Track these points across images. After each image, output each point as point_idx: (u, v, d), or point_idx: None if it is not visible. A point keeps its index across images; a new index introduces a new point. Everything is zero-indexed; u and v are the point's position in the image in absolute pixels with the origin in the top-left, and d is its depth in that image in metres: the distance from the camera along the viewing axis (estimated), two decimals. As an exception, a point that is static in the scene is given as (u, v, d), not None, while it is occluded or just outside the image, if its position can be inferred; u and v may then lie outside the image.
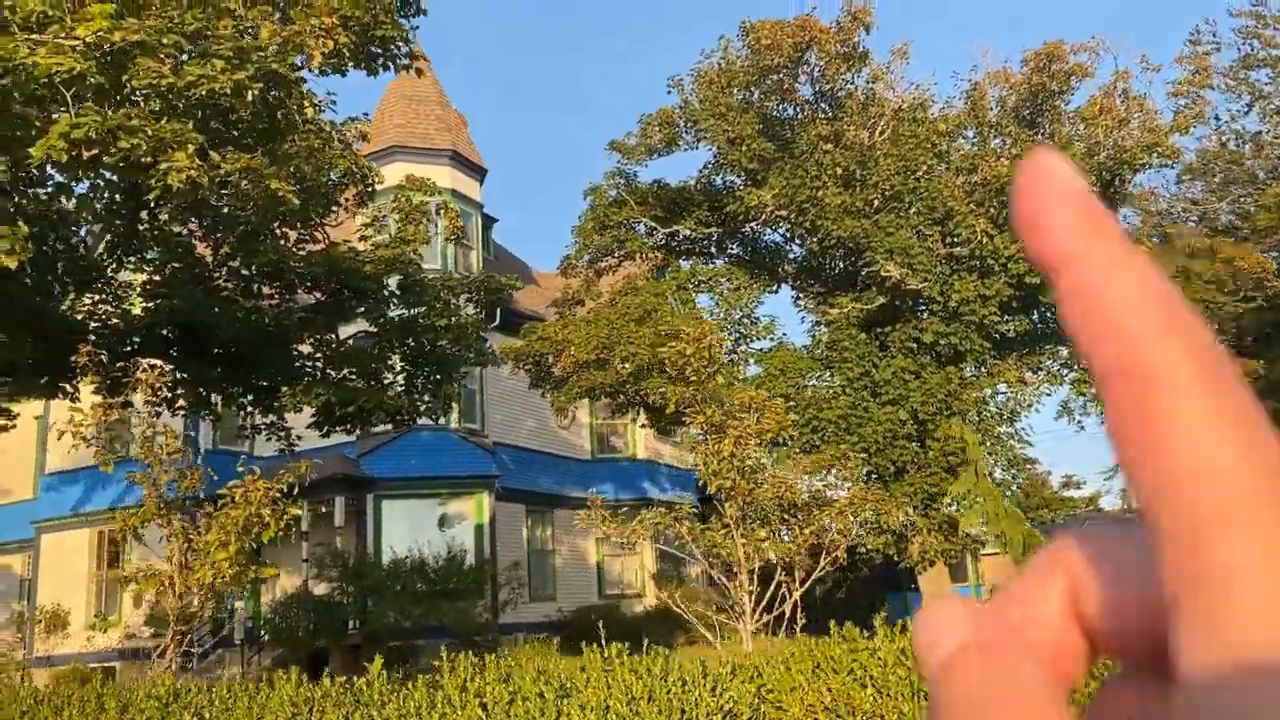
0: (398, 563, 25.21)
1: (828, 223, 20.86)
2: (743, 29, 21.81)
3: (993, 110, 22.19)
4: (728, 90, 21.82)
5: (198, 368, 13.11)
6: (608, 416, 35.11)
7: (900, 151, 20.95)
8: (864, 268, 20.84)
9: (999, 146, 22.28)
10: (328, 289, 13.82)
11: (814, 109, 22.01)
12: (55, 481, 29.58)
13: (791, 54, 20.56)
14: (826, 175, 21.13)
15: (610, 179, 24.03)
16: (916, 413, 21.12)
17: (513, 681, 8.49)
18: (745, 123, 21.31)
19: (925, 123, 21.62)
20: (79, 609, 28.10)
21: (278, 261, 12.43)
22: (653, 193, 24.15)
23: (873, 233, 20.55)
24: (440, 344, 13.46)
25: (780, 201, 21.22)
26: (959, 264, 20.95)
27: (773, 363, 21.38)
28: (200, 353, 13.31)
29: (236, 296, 13.71)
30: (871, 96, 22.09)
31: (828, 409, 20.75)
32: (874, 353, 21.52)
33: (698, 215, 23.55)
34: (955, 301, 20.62)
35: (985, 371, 21.76)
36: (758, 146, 21.02)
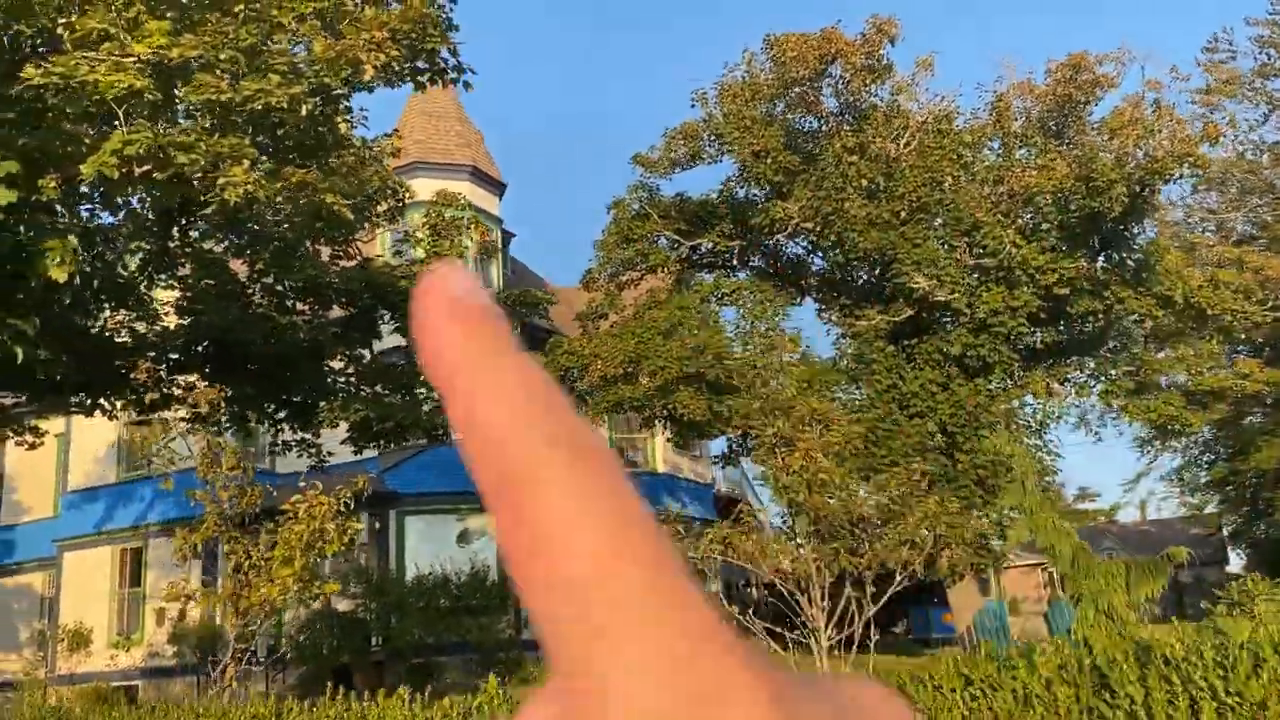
0: (421, 579, 25.10)
1: (854, 235, 20.80)
2: (766, 42, 21.82)
3: (1017, 121, 22.13)
4: (752, 103, 21.81)
5: (234, 384, 13.07)
6: (628, 431, 35.06)
7: (926, 163, 20.89)
8: (891, 279, 20.75)
9: (1024, 158, 22.22)
10: (361, 304, 13.78)
11: (839, 121, 21.98)
12: (77, 499, 29.58)
13: (817, 66, 20.56)
14: (851, 187, 21.07)
15: (633, 192, 24.03)
16: (945, 425, 20.99)
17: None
18: (770, 135, 21.29)
19: (950, 134, 21.57)
20: (101, 627, 28.04)
21: (315, 277, 12.40)
22: (675, 206, 24.13)
23: (899, 244, 20.47)
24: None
25: (805, 214, 21.17)
26: (986, 275, 20.85)
27: (798, 376, 21.26)
28: (235, 369, 13.27)
29: (271, 313, 13.68)
30: (895, 108, 22.05)
31: (855, 423, 20.61)
32: (901, 365, 21.42)
33: (720, 228, 23.51)
34: (983, 313, 20.52)
35: (1014, 383, 21.63)
36: (783, 159, 20.99)
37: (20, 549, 32.77)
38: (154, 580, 27.86)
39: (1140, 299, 21.07)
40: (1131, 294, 20.96)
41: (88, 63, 6.96)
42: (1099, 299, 20.93)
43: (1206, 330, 23.45)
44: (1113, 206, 18.91)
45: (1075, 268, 20.05)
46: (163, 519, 27.96)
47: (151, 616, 27.46)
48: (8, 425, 19.20)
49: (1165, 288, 21.00)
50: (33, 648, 31.82)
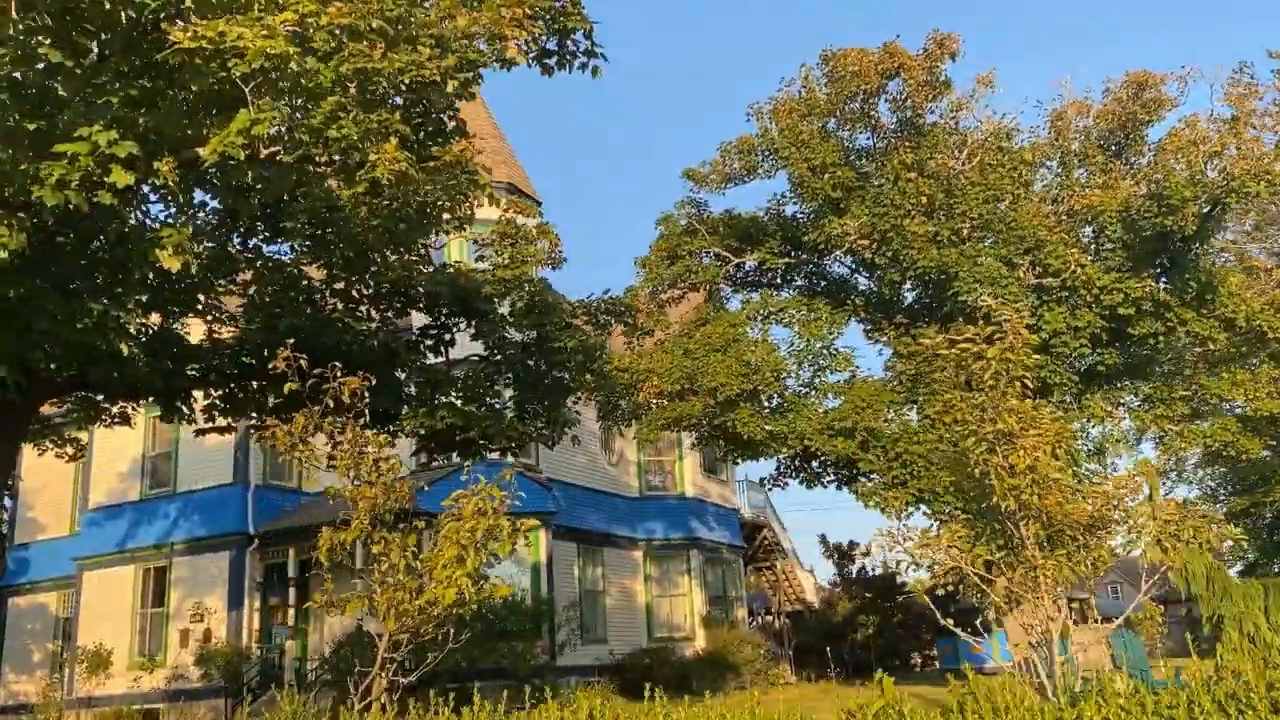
0: (459, 601, 24.45)
1: (912, 252, 20.42)
2: (823, 57, 21.55)
3: (1076, 140, 21.87)
4: (808, 118, 21.52)
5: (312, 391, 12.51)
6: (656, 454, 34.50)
7: (988, 180, 20.57)
8: (951, 298, 20.34)
9: (1082, 177, 21.94)
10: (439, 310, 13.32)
11: (898, 138, 21.68)
12: (99, 517, 28.88)
13: (879, 81, 20.28)
14: (910, 204, 20.73)
15: (681, 207, 23.69)
16: (1005, 447, 20.50)
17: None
18: (828, 150, 20.97)
19: (1010, 152, 21.29)
20: (121, 648, 27.26)
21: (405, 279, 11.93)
22: (724, 222, 23.78)
23: (960, 262, 20.09)
24: (569, 365, 12.95)
25: (863, 230, 20.81)
26: (1047, 295, 20.48)
27: (855, 396, 20.80)
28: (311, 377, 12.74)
29: (346, 318, 13.21)
30: (954, 125, 21.78)
31: (915, 444, 20.16)
32: (961, 386, 20.94)
33: (770, 245, 23.14)
34: (1046, 333, 20.12)
35: (1075, 406, 21.19)
36: (842, 174, 20.66)
37: (35, 568, 31.99)
38: (179, 600, 27.16)
39: (1203, 321, 20.70)
40: (1194, 316, 20.60)
41: (237, 26, 6.54)
42: (1161, 320, 20.55)
43: (1261, 355, 23.11)
44: (1186, 225, 18.59)
45: (1141, 288, 19.69)
46: (189, 537, 27.31)
47: (175, 637, 26.72)
48: (47, 435, 18.63)
49: (1229, 310, 20.65)
50: (45, 669, 31.00)
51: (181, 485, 27.96)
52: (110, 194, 7.99)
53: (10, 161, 7.44)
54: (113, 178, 7.89)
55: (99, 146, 7.75)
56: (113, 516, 28.28)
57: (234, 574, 26.58)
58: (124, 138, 7.86)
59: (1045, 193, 21.83)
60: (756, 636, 35.17)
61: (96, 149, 7.75)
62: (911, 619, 41.87)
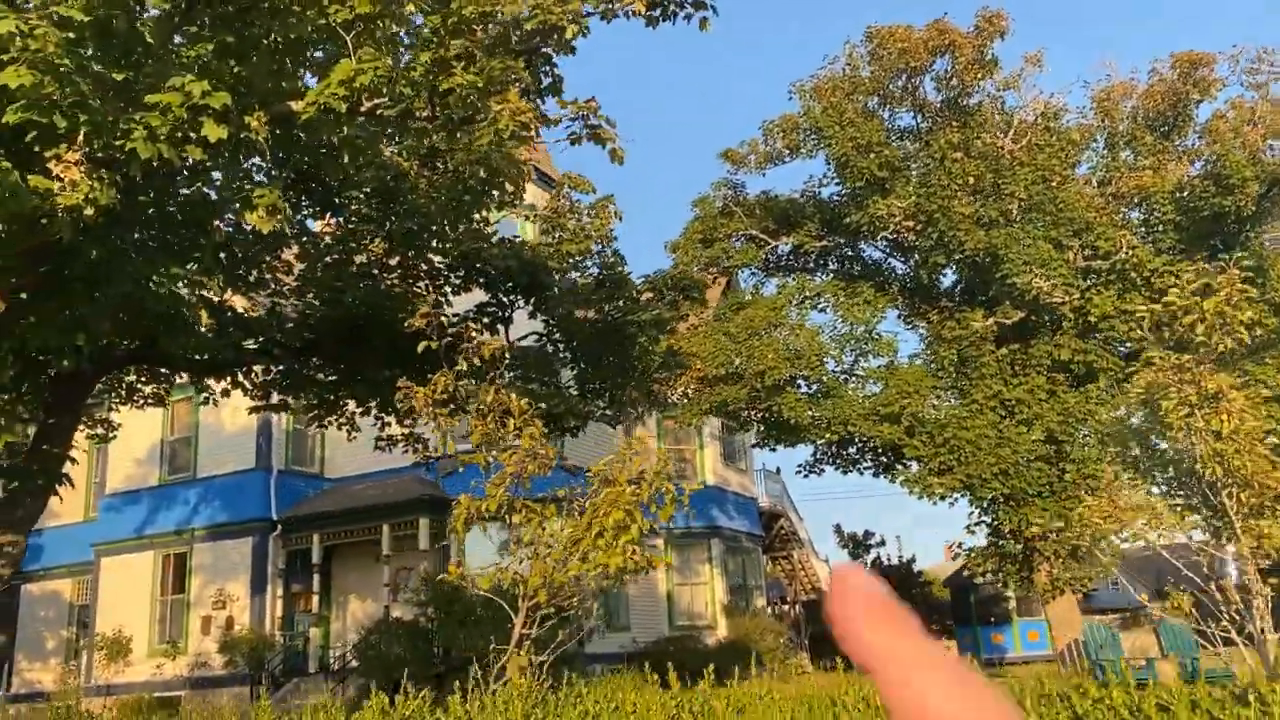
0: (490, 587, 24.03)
1: (959, 233, 20.01)
2: (868, 35, 21.11)
3: (1123, 121, 21.46)
4: (852, 96, 21.07)
5: (369, 367, 12.10)
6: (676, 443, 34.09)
7: (1037, 161, 20.16)
8: (1000, 280, 19.94)
9: (1128, 158, 21.54)
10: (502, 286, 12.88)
11: (944, 118, 21.25)
12: (117, 502, 28.37)
13: (926, 59, 19.85)
14: (956, 184, 20.32)
15: (717, 189, 23.22)
16: (1053, 433, 20.17)
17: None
18: (873, 129, 20.54)
19: (1058, 132, 20.88)
20: (141, 636, 26.81)
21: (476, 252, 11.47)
22: (760, 204, 23.34)
23: (1009, 244, 19.69)
24: (640, 340, 12.52)
25: (909, 211, 20.39)
26: (1096, 277, 20.10)
27: (898, 381, 20.40)
28: (370, 351, 12.32)
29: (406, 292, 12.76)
30: (1000, 105, 21.37)
31: (963, 430, 19.78)
32: (1005, 370, 20.61)
33: (808, 228, 22.71)
34: (1094, 317, 19.76)
35: (1122, 391, 20.79)
36: (889, 153, 20.23)
37: (49, 554, 31.43)
38: (199, 587, 26.70)
39: (1252, 305, 20.31)
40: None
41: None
42: (1210, 304, 20.17)
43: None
44: (1245, 205, 18.22)
45: (1195, 270, 19.29)
46: (210, 523, 26.84)
47: (196, 624, 26.27)
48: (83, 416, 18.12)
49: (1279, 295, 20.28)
50: (60, 657, 30.52)
51: (202, 470, 27.48)
52: (200, 148, 7.55)
53: (100, 112, 6.98)
54: (204, 130, 7.44)
55: (192, 97, 7.30)
56: (131, 502, 27.77)
57: (256, 560, 26.14)
58: (216, 88, 7.41)
59: (1091, 174, 21.43)
60: (778, 625, 34.88)
61: (190, 99, 7.30)
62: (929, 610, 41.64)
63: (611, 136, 7.31)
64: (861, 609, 0.39)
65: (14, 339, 8.07)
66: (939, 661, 0.38)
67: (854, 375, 21.46)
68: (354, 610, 27.24)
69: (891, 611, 0.39)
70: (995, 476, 19.74)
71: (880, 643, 0.38)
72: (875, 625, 0.39)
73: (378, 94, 7.65)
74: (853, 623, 0.39)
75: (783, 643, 32.35)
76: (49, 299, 8.19)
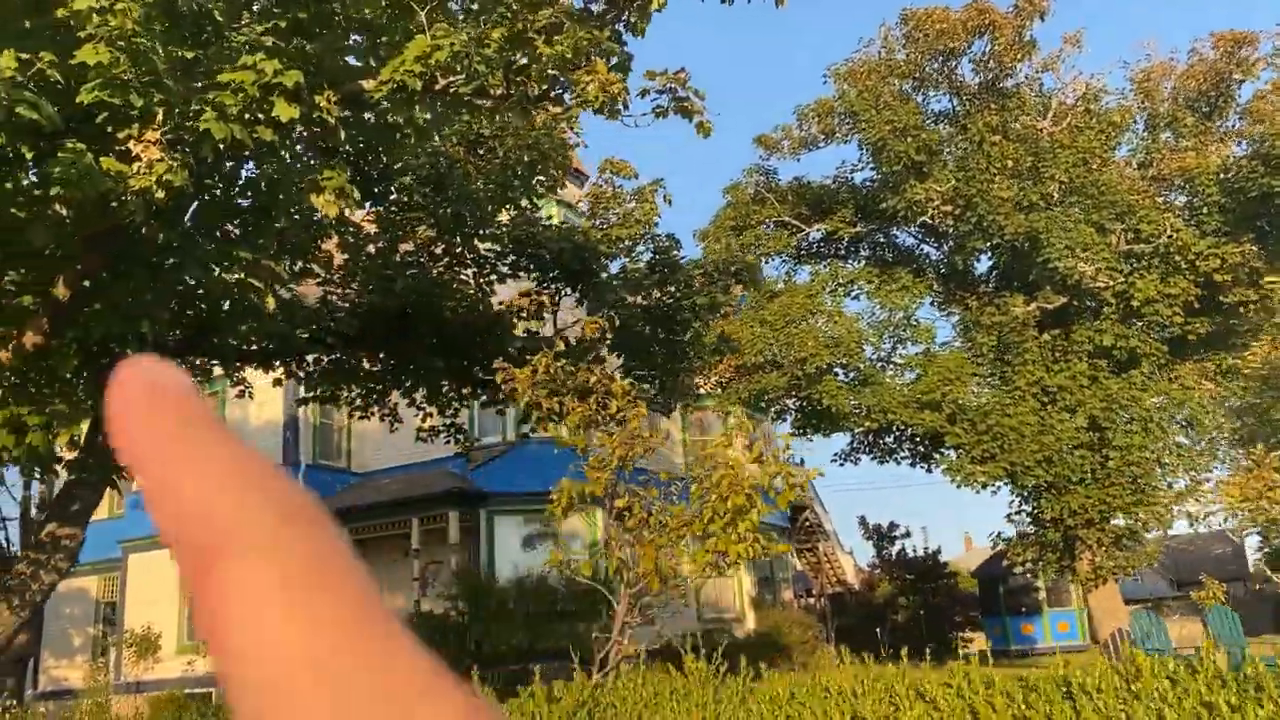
0: (521, 581, 23.84)
1: (999, 217, 19.71)
2: (903, 17, 20.80)
3: (1164, 103, 21.13)
4: (888, 80, 20.77)
5: (418, 357, 11.88)
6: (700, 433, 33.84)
7: (1078, 143, 19.85)
8: (1039, 265, 19.63)
9: (1169, 140, 21.22)
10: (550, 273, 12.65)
11: (981, 100, 20.93)
12: (144, 498, 28.21)
13: (965, 40, 19.53)
14: (995, 168, 20.02)
15: (750, 175, 22.93)
16: (1096, 420, 19.89)
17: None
18: (909, 112, 20.23)
19: (1099, 114, 20.56)
20: (170, 632, 26.69)
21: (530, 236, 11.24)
22: (793, 190, 23.05)
23: (1050, 228, 19.38)
24: (693, 326, 12.28)
25: (947, 195, 20.09)
26: (1138, 261, 19.79)
27: (939, 368, 20.11)
28: (418, 340, 12.09)
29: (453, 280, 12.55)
30: (1039, 87, 21.05)
31: (1005, 417, 19.50)
32: (1047, 357, 20.32)
33: (842, 214, 22.42)
34: (1137, 301, 19.46)
35: (1166, 377, 20.51)
36: (926, 136, 19.92)
37: (73, 551, 31.37)
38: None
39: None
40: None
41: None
42: (1255, 287, 19.87)
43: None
44: (1296, 185, 17.91)
45: (1240, 252, 19.01)
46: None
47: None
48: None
49: (1324, 277, 19.96)
50: (86, 654, 30.43)
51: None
52: (270, 129, 7.32)
53: (175, 92, 6.75)
54: (276, 110, 7.22)
55: (265, 75, 7.07)
56: (158, 498, 27.58)
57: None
58: (288, 67, 7.18)
59: (1131, 156, 21.12)
60: (807, 618, 34.67)
61: (262, 77, 7.07)
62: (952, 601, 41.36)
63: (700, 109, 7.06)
64: (144, 393, 0.28)
65: (78, 327, 7.86)
66: (222, 446, 0.27)
67: (891, 363, 21.20)
68: (384, 605, 27.08)
69: (179, 399, 0.28)
70: (1038, 464, 19.47)
71: (153, 429, 0.28)
72: (154, 410, 0.28)
73: (451, 71, 7.41)
74: (128, 409, 0.29)
75: (811, 635, 32.12)
76: (112, 286, 7.98)
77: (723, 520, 7.66)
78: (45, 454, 7.80)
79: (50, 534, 9.70)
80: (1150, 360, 20.30)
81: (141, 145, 6.41)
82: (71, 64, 6.28)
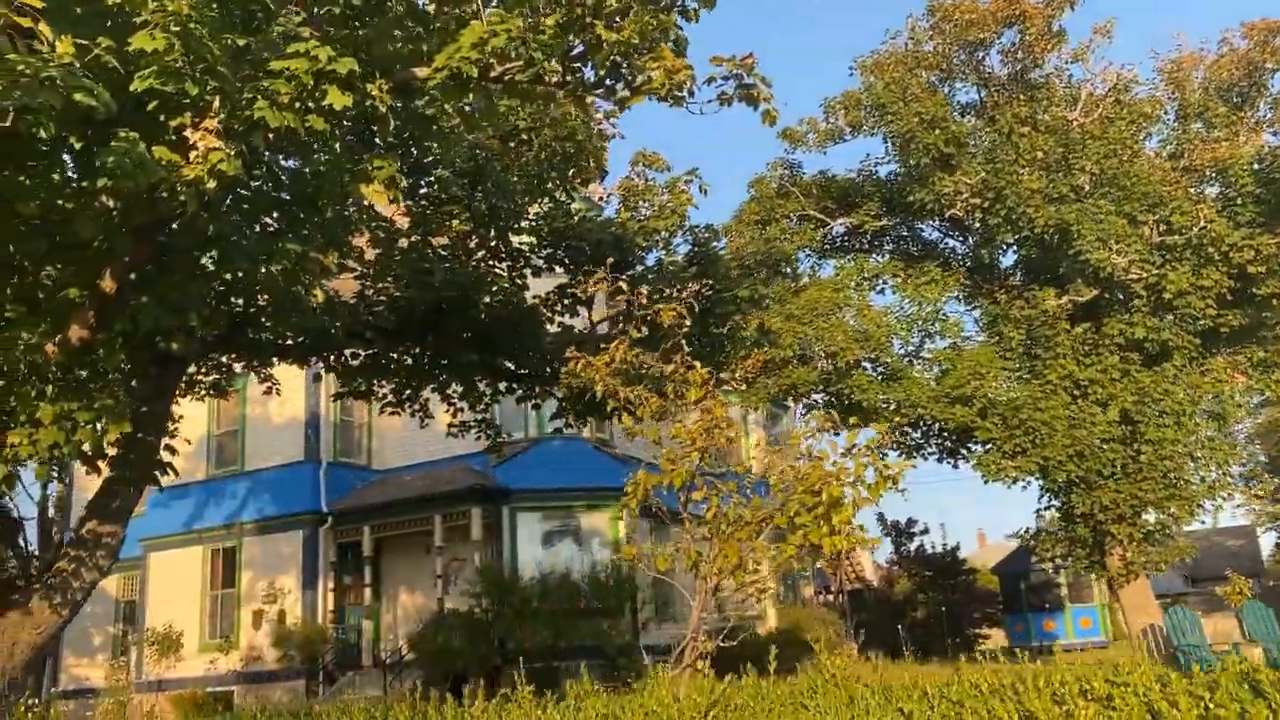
0: (546, 578, 23.73)
1: (1029, 210, 19.50)
2: (930, 8, 20.61)
3: (1195, 92, 20.90)
4: (915, 71, 20.57)
5: (458, 352, 11.74)
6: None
7: (1109, 134, 19.63)
8: (1070, 257, 19.42)
9: (1200, 130, 20.98)
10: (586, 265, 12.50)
11: (1010, 92, 20.73)
12: (164, 497, 28.07)
13: (995, 30, 19.33)
14: (1025, 160, 19.82)
15: (774, 169, 22.75)
16: (1128, 414, 19.68)
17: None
18: (937, 103, 20.03)
19: (1130, 104, 20.34)
20: (191, 631, 26.63)
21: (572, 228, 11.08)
22: (817, 184, 22.87)
23: (1081, 219, 19.16)
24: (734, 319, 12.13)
25: (976, 188, 19.89)
26: (1170, 253, 19.56)
27: (969, 362, 19.91)
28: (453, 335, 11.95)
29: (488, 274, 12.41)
30: (1068, 78, 20.84)
31: (1037, 411, 19.30)
32: (1078, 350, 20.11)
33: (868, 208, 22.23)
34: (1169, 293, 19.24)
35: (1197, 370, 20.28)
36: (956, 128, 19.72)
37: (92, 550, 31.32)
38: (249, 581, 26.48)
39: None
40: (1324, 274, 19.65)
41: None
42: (1288, 279, 19.63)
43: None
44: (1334, 175, 17.68)
45: (1275, 243, 18.78)
46: (259, 516, 26.61)
47: (247, 619, 26.06)
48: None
49: (1360, 268, 19.70)
50: (107, 653, 30.39)
51: (250, 464, 27.23)
52: (321, 118, 7.17)
53: (230, 79, 6.61)
54: (328, 98, 7.07)
55: (318, 61, 6.93)
56: (178, 496, 27.51)
57: (307, 554, 25.90)
58: (340, 54, 7.04)
59: (1161, 147, 20.89)
60: (829, 615, 34.52)
61: (316, 64, 6.93)
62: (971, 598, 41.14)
63: (767, 96, 6.89)
64: None
65: (125, 320, 7.73)
66: None
67: (919, 357, 21.02)
68: (404, 602, 27.00)
69: None
70: (1070, 459, 19.27)
71: None
72: None
73: (507, 58, 7.25)
74: None
75: (834, 633, 31.96)
76: (159, 279, 7.85)
77: (815, 513, 7.46)
78: (95, 451, 7.68)
79: (91, 531, 9.60)
80: (1182, 353, 20.09)
81: (199, 133, 6.27)
82: (127, 50, 6.14)
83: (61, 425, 7.43)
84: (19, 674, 8.61)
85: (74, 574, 9.29)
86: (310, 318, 9.58)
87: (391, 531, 25.78)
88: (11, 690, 8.05)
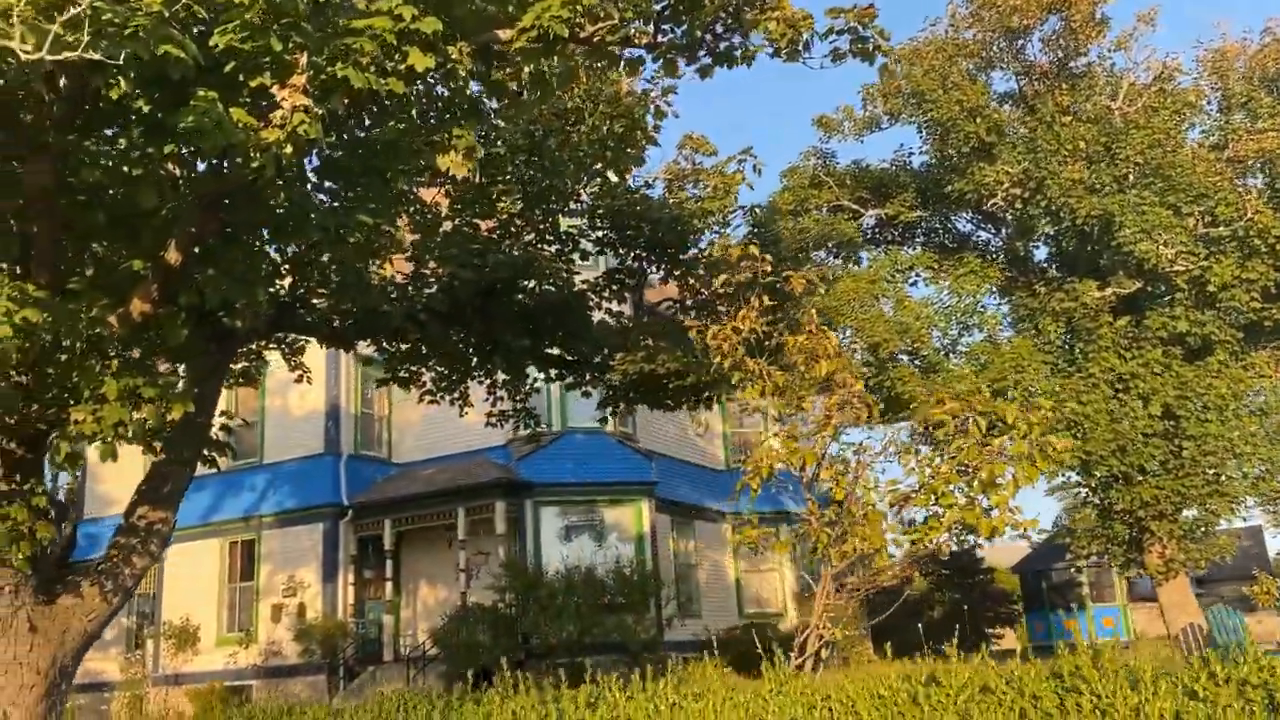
0: (570, 572, 23.38)
1: (1071, 200, 19.15)
2: (970, -3, 20.27)
3: (1239, 83, 20.54)
4: (954, 59, 20.21)
5: (508, 337, 11.37)
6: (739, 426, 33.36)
7: (1153, 124, 19.27)
8: (1112, 249, 19.08)
9: (1243, 121, 20.62)
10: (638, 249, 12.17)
11: (1051, 80, 20.37)
12: (181, 489, 27.78)
13: (1039, 17, 18.98)
14: (1066, 150, 19.46)
15: (808, 158, 22.39)
16: (1170, 408, 19.33)
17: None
18: (977, 91, 19.67)
19: (1173, 94, 19.99)
20: (209, 624, 26.30)
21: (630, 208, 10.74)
22: (852, 174, 22.52)
23: (1124, 210, 18.81)
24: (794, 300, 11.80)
25: (1017, 178, 19.54)
26: (1214, 245, 19.21)
27: (1011, 355, 19.56)
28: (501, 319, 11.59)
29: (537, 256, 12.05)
30: (1110, 66, 20.48)
31: (1079, 405, 18.97)
32: (1119, 343, 19.77)
33: (903, 198, 21.87)
34: (1214, 286, 18.89)
35: (1240, 364, 19.93)
36: (997, 117, 19.36)
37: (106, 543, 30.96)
38: (268, 574, 26.15)
39: None
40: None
41: None
42: (1333, 271, 19.28)
43: None
44: (1387, 165, 17.33)
45: (1324, 235, 18.43)
46: (278, 509, 26.26)
47: (266, 612, 25.71)
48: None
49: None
50: (121, 646, 30.03)
51: (269, 456, 26.89)
52: (401, 81, 6.82)
53: (314, 37, 6.26)
54: (410, 60, 6.73)
55: (402, 20, 6.58)
56: (196, 489, 26.63)
57: (327, 547, 25.55)
58: (424, 14, 6.69)
59: (1204, 138, 20.54)
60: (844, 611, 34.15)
61: (400, 23, 6.58)
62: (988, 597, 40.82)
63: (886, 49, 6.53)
64: None
65: (191, 293, 7.39)
66: None
67: (956, 350, 20.67)
68: (424, 597, 26.66)
69: None
70: (1112, 454, 18.94)
71: None
72: None
73: (597, 18, 6.91)
74: None
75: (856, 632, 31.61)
76: (227, 250, 7.51)
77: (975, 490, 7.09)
78: (157, 430, 7.34)
79: (142, 517, 9.27)
80: (1224, 347, 19.74)
81: (287, 90, 5.91)
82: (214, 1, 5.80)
83: (125, 402, 7.08)
84: (70, 661, 8.25)
85: (125, 560, 8.97)
86: (368, 296, 9.23)
87: (413, 525, 25.43)
88: (63, 678, 7.67)
